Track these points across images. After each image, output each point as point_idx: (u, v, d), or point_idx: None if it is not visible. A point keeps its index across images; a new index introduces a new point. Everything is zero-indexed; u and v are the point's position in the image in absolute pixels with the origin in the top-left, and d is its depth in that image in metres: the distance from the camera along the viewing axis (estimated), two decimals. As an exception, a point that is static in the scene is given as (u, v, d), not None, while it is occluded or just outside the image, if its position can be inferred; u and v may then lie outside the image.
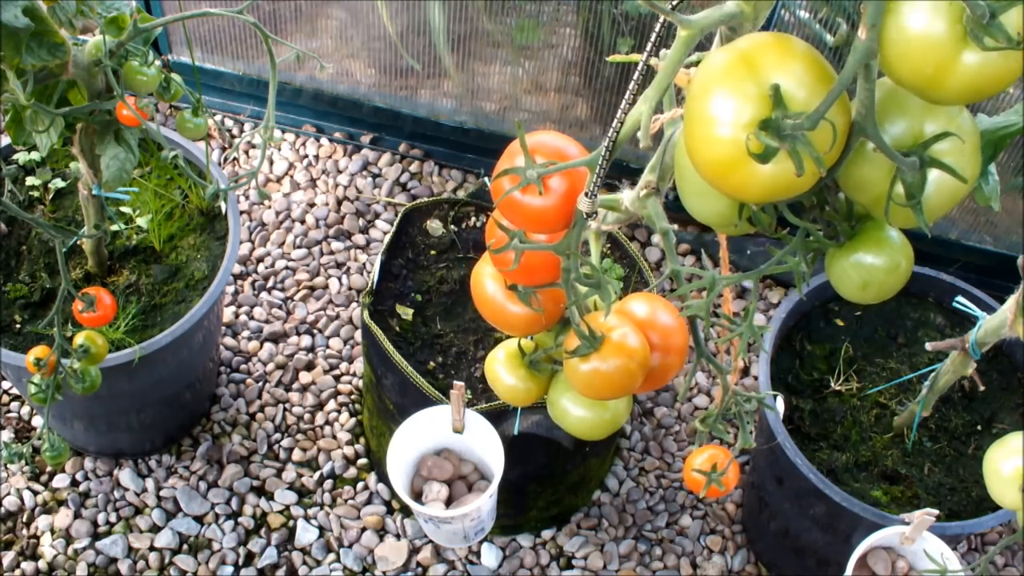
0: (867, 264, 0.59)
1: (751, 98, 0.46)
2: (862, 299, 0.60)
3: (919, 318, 1.70)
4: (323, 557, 1.75)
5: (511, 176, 0.61)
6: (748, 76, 0.47)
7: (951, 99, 0.45)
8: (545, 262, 0.66)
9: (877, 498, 1.51)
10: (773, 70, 0.47)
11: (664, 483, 1.87)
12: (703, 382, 1.99)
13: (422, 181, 2.18)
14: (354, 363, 1.94)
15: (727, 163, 0.48)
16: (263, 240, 2.07)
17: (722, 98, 0.47)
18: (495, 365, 0.76)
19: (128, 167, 1.30)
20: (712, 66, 0.49)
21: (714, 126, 0.47)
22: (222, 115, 2.23)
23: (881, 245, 0.58)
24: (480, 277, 0.72)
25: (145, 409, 1.71)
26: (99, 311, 1.28)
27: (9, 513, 1.75)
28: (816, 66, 0.47)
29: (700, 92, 0.48)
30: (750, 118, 0.46)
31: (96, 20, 1.17)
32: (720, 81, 0.48)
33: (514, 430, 1.47)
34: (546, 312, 0.70)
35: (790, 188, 0.48)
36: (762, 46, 0.48)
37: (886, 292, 0.59)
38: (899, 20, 0.44)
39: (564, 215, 0.62)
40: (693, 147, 0.49)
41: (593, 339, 0.66)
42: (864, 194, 0.52)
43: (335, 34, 2.09)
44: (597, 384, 0.68)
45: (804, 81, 0.47)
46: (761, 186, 0.48)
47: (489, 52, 2.02)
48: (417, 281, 1.65)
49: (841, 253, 0.59)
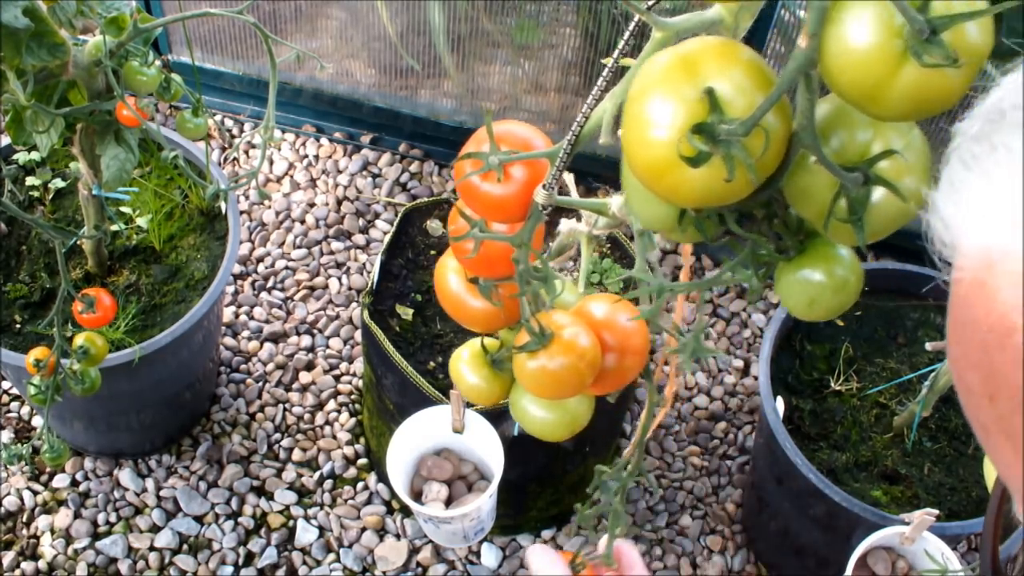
0: (814, 281, 0.57)
1: (688, 101, 0.46)
2: (809, 316, 0.59)
3: (919, 318, 1.70)
4: (323, 557, 1.75)
5: (473, 160, 0.60)
6: (687, 79, 0.46)
7: (891, 115, 0.44)
8: (504, 255, 0.65)
9: (877, 498, 1.51)
10: (713, 74, 0.46)
11: (664, 483, 1.88)
12: (703, 382, 1.99)
13: (422, 181, 2.18)
14: (354, 363, 1.94)
15: (661, 166, 0.47)
16: (263, 240, 2.07)
17: (659, 100, 0.46)
18: (459, 364, 0.75)
19: (128, 167, 1.30)
20: (653, 67, 0.48)
21: (650, 128, 0.47)
22: (222, 115, 2.23)
23: (829, 262, 0.56)
24: (443, 270, 0.72)
25: (145, 409, 1.71)
26: (99, 312, 1.28)
27: (9, 513, 1.75)
28: (759, 74, 0.46)
29: (639, 93, 0.48)
30: (685, 121, 0.46)
31: (96, 20, 1.17)
32: (659, 83, 0.47)
33: (514, 430, 1.47)
34: (507, 309, 0.69)
35: (723, 194, 0.47)
36: (705, 50, 0.47)
37: (834, 310, 0.58)
38: (839, 30, 0.43)
39: (523, 205, 0.61)
40: (629, 148, 0.49)
41: (542, 336, 0.66)
42: (808, 208, 0.51)
43: (335, 34, 2.09)
44: (544, 381, 0.67)
45: (744, 88, 0.46)
46: (693, 191, 0.47)
47: (489, 52, 2.02)
48: (417, 281, 1.65)
49: (789, 268, 0.57)
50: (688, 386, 1.99)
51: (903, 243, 2.03)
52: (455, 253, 0.69)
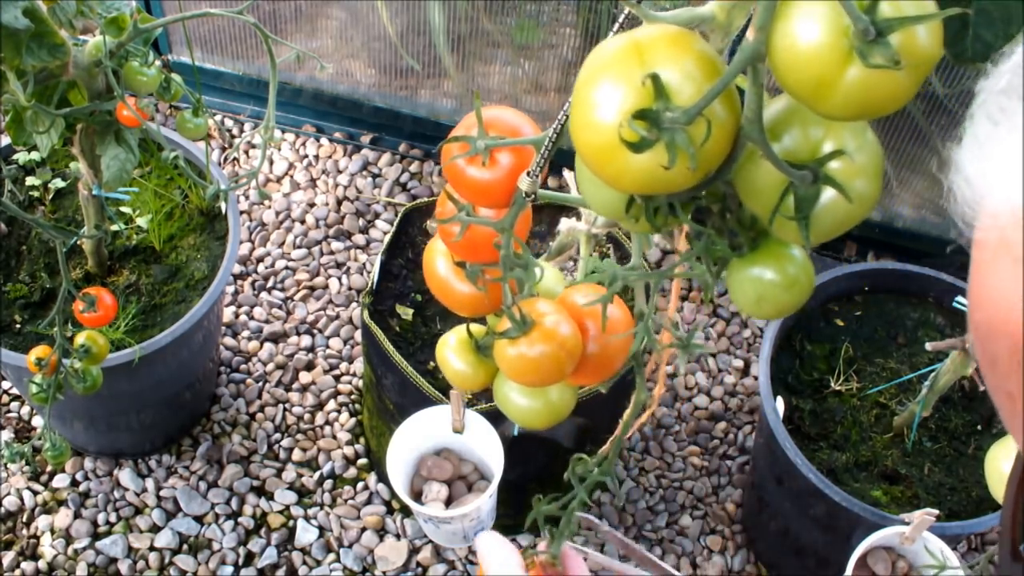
0: (764, 279, 0.56)
1: (635, 86, 0.46)
2: (758, 314, 0.59)
3: (919, 318, 1.70)
4: (323, 557, 1.75)
5: (460, 144, 0.60)
6: (636, 64, 0.46)
7: (837, 113, 0.44)
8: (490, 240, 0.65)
9: (877, 498, 1.51)
10: (662, 61, 0.46)
11: (664, 483, 1.88)
12: (703, 382, 1.99)
13: (422, 181, 2.18)
14: (354, 363, 1.94)
15: (604, 149, 0.47)
16: (263, 240, 2.08)
17: (607, 84, 0.46)
18: (445, 350, 0.75)
19: (128, 167, 1.30)
20: (604, 51, 0.48)
21: (595, 110, 0.47)
22: (222, 115, 2.23)
23: (780, 261, 0.56)
24: (432, 253, 0.72)
25: (145, 409, 1.71)
26: (100, 311, 1.28)
27: (9, 513, 1.75)
28: (710, 66, 0.46)
29: (588, 76, 0.48)
30: (631, 106, 0.46)
31: (96, 20, 1.17)
32: (608, 67, 0.47)
33: (514, 430, 1.47)
34: (492, 295, 0.69)
35: (665, 182, 0.47)
36: (658, 37, 0.47)
37: (783, 309, 0.58)
38: (787, 26, 0.43)
39: (509, 192, 0.62)
40: (576, 131, 0.49)
41: (523, 323, 0.66)
42: (757, 203, 0.51)
43: (335, 34, 2.09)
44: (522, 369, 0.67)
45: (694, 77, 0.46)
46: (635, 176, 0.47)
47: (489, 52, 2.02)
48: (417, 281, 1.65)
49: (740, 265, 0.57)
50: (688, 386, 1.99)
51: (903, 243, 2.03)
52: (441, 236, 0.69)
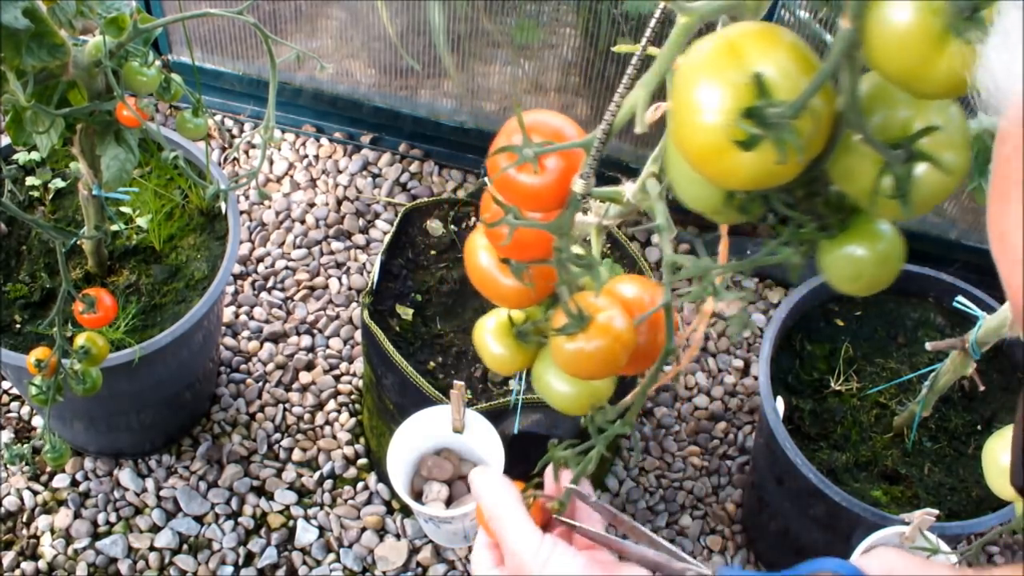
0: (858, 256, 0.59)
1: (736, 86, 0.47)
2: (854, 291, 0.61)
3: (919, 318, 1.70)
4: (323, 557, 1.75)
5: (508, 154, 0.61)
6: (733, 64, 0.47)
7: (934, 93, 0.45)
8: (538, 239, 0.66)
9: (877, 498, 1.51)
10: (758, 59, 0.47)
11: (664, 483, 1.88)
12: (703, 382, 1.99)
13: (422, 181, 2.18)
14: (354, 363, 1.94)
15: (712, 150, 0.48)
16: (263, 240, 2.08)
17: (707, 86, 0.48)
18: (483, 333, 0.76)
19: (128, 167, 1.30)
20: (698, 54, 0.49)
21: (699, 113, 0.48)
22: (222, 115, 2.23)
23: (872, 237, 0.59)
24: (474, 248, 0.73)
25: (145, 409, 1.71)
26: (99, 312, 1.28)
27: (9, 513, 1.75)
28: (801, 56, 0.48)
29: (686, 79, 0.49)
30: (734, 106, 0.47)
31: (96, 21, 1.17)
32: (705, 68, 0.48)
33: (514, 429, 1.47)
34: (537, 287, 0.70)
35: (774, 176, 0.49)
36: (749, 35, 0.48)
37: (878, 284, 0.60)
38: (881, 12, 0.44)
39: (558, 195, 0.62)
40: (679, 134, 0.50)
41: (580, 319, 0.66)
42: (852, 185, 0.53)
43: (335, 34, 2.09)
44: (580, 363, 0.68)
45: (789, 70, 0.47)
46: (745, 174, 0.48)
47: (489, 52, 2.02)
48: (417, 281, 1.65)
49: (832, 245, 0.59)
50: (688, 386, 1.99)
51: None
52: (489, 239, 0.70)
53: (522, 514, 0.66)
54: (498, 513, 0.67)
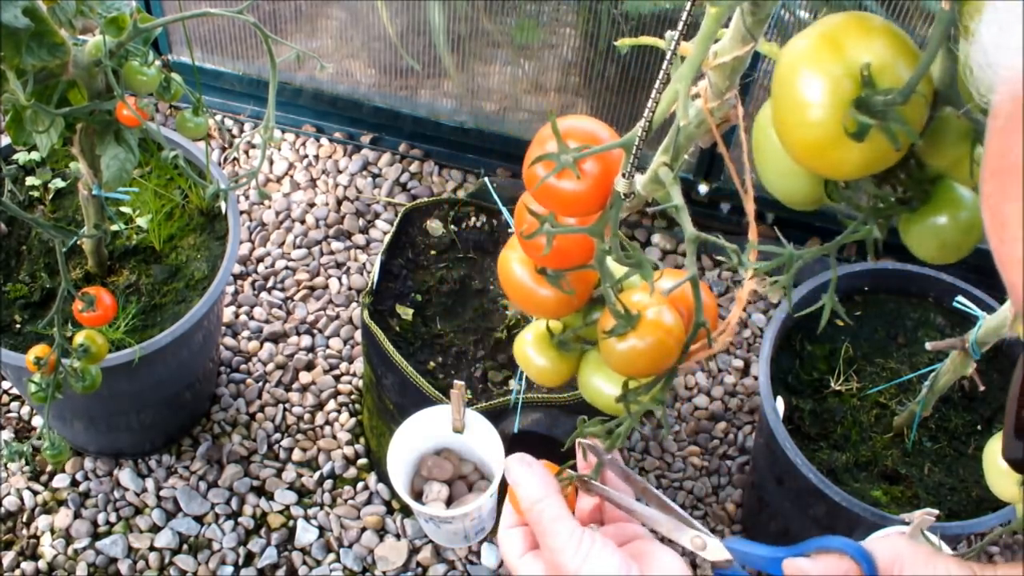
0: (942, 225, 0.60)
1: (839, 79, 0.48)
2: (940, 259, 0.63)
3: (919, 318, 1.70)
4: (323, 557, 1.75)
5: (545, 162, 0.61)
6: (834, 57, 0.48)
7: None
8: (576, 245, 0.67)
9: (877, 498, 1.51)
10: (858, 49, 0.48)
11: (664, 483, 1.88)
12: (703, 382, 1.99)
13: (422, 181, 2.18)
14: (354, 363, 1.94)
15: (822, 144, 0.49)
16: (263, 240, 2.07)
17: (810, 81, 0.49)
18: (525, 347, 0.76)
19: (128, 167, 1.30)
20: (797, 50, 0.50)
21: (805, 109, 0.49)
22: (222, 115, 2.23)
23: (955, 206, 0.60)
24: (507, 262, 0.73)
25: (145, 409, 1.71)
26: (99, 311, 1.28)
27: (9, 513, 1.75)
28: (897, 41, 0.49)
29: (787, 76, 0.50)
30: (839, 99, 0.48)
31: (96, 20, 1.17)
32: (807, 64, 0.49)
33: (514, 429, 1.47)
34: (576, 293, 0.71)
35: (882, 162, 0.50)
36: (844, 26, 0.49)
37: (962, 250, 0.62)
38: None
39: (598, 198, 0.63)
40: (784, 131, 0.51)
41: (629, 318, 0.67)
42: (944, 158, 0.54)
43: (335, 34, 2.09)
44: (635, 362, 0.68)
45: (888, 57, 0.48)
46: (855, 163, 0.50)
47: (489, 52, 2.02)
48: (417, 281, 1.65)
49: (916, 218, 0.61)
50: (688, 386, 1.99)
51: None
52: (526, 250, 0.70)
53: (561, 508, 0.66)
54: (538, 508, 0.66)
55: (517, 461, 0.70)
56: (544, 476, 0.68)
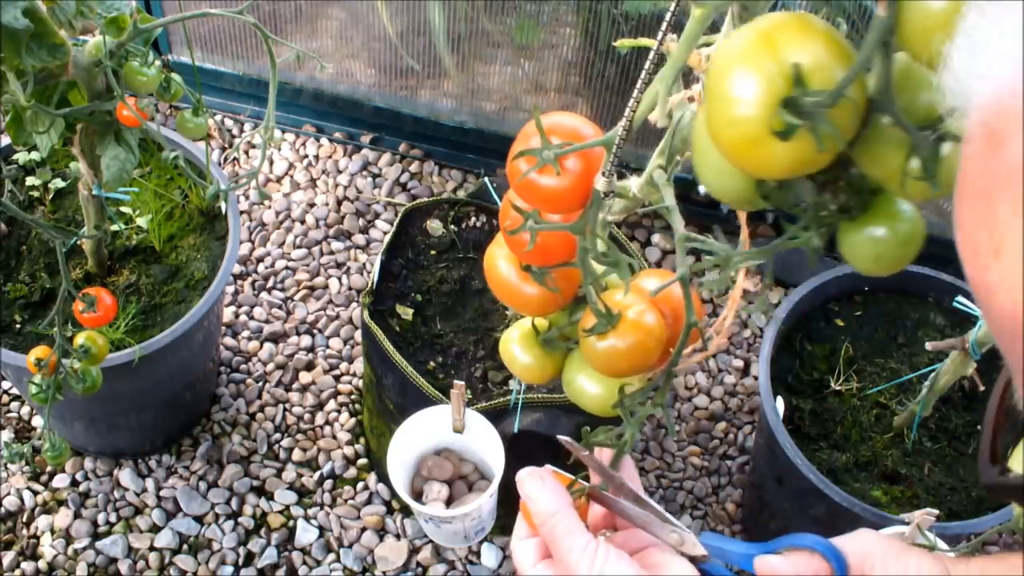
0: (879, 237, 0.60)
1: (772, 77, 0.47)
2: (875, 271, 0.62)
3: (919, 318, 1.70)
4: (323, 557, 1.75)
5: (527, 157, 0.61)
6: (768, 55, 0.48)
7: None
8: (560, 242, 0.66)
9: (877, 498, 1.51)
10: (793, 49, 0.48)
11: (664, 483, 1.88)
12: (703, 382, 1.99)
13: (422, 181, 2.18)
14: (354, 363, 1.94)
15: (749, 142, 0.49)
16: (263, 240, 2.08)
17: (742, 77, 0.48)
18: (510, 345, 0.76)
19: (128, 167, 1.30)
20: (732, 46, 0.50)
21: (735, 105, 0.48)
22: (222, 115, 2.23)
23: (894, 218, 0.59)
24: (493, 259, 0.73)
25: (145, 409, 1.71)
26: (99, 311, 1.28)
27: (9, 513, 1.75)
28: (835, 44, 0.48)
29: (721, 72, 0.49)
30: (770, 97, 0.47)
31: (96, 21, 1.17)
32: (740, 60, 0.49)
33: (514, 429, 1.47)
34: (560, 291, 0.70)
35: (810, 164, 0.50)
36: (782, 25, 0.49)
37: (898, 264, 0.61)
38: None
39: (580, 195, 0.63)
40: (714, 127, 0.50)
41: (610, 317, 0.67)
42: (878, 168, 0.54)
43: (335, 34, 2.09)
44: (615, 361, 0.68)
45: (823, 59, 0.48)
46: (782, 163, 0.49)
47: (489, 52, 2.02)
48: (417, 281, 1.65)
49: (854, 227, 0.60)
50: (688, 386, 1.99)
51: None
52: (510, 246, 0.70)
53: (574, 520, 0.66)
54: (551, 522, 0.67)
55: (528, 475, 0.70)
56: (556, 489, 0.69)
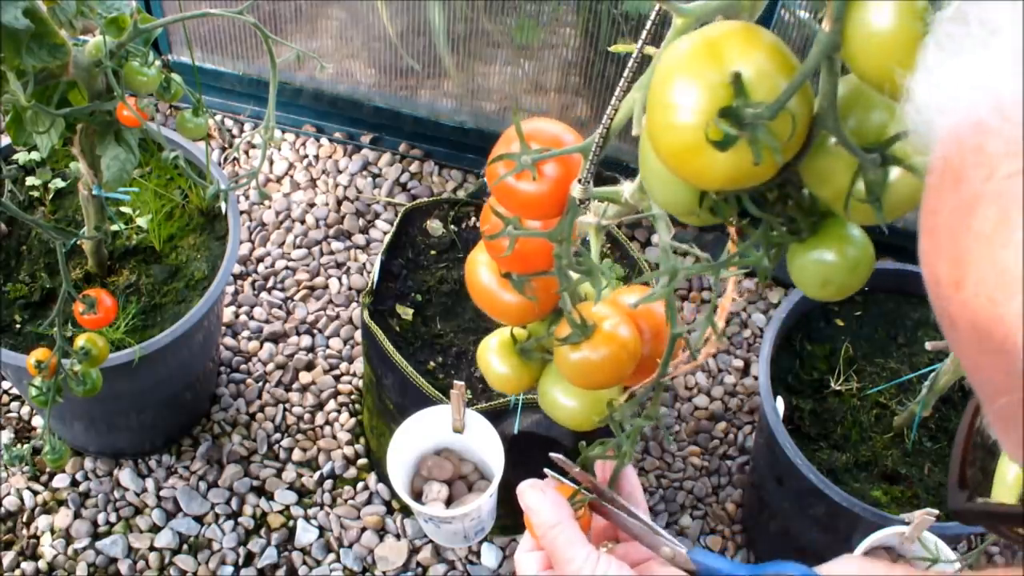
0: (827, 261, 0.58)
1: (713, 85, 0.46)
2: (821, 296, 0.60)
3: (919, 318, 1.70)
4: (323, 557, 1.75)
5: (505, 161, 0.61)
6: (711, 63, 0.47)
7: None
8: (539, 250, 0.66)
9: (877, 498, 1.51)
10: (737, 58, 0.46)
11: (664, 483, 1.88)
12: (703, 382, 1.99)
13: (422, 181, 2.18)
14: (354, 363, 1.94)
15: (687, 150, 0.47)
16: (263, 240, 2.08)
17: (684, 84, 0.47)
18: (487, 353, 0.76)
19: (128, 167, 1.30)
20: (676, 52, 0.48)
21: (675, 112, 0.47)
22: (222, 115, 2.23)
23: (842, 242, 0.58)
24: (474, 265, 0.72)
25: (145, 409, 1.71)
26: (100, 313, 1.28)
27: (9, 513, 1.75)
28: (781, 57, 0.47)
29: (663, 77, 0.48)
30: (711, 105, 0.46)
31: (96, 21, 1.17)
32: (683, 67, 0.47)
33: (514, 429, 1.47)
34: (540, 301, 0.70)
35: (749, 177, 0.48)
36: (728, 34, 0.48)
37: (846, 290, 0.59)
38: (863, 15, 0.44)
39: (558, 202, 0.62)
40: (654, 132, 0.49)
41: (584, 328, 0.66)
42: (825, 189, 0.52)
43: (335, 34, 2.09)
44: (587, 373, 0.68)
45: (768, 71, 0.46)
46: (720, 174, 0.48)
47: (489, 52, 2.02)
48: (417, 281, 1.65)
49: (802, 249, 0.58)
50: (688, 386, 1.99)
51: (903, 243, 2.03)
52: (489, 251, 0.70)
53: (575, 532, 0.67)
54: (552, 533, 0.67)
55: (530, 487, 0.70)
56: (556, 501, 0.69)
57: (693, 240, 2.09)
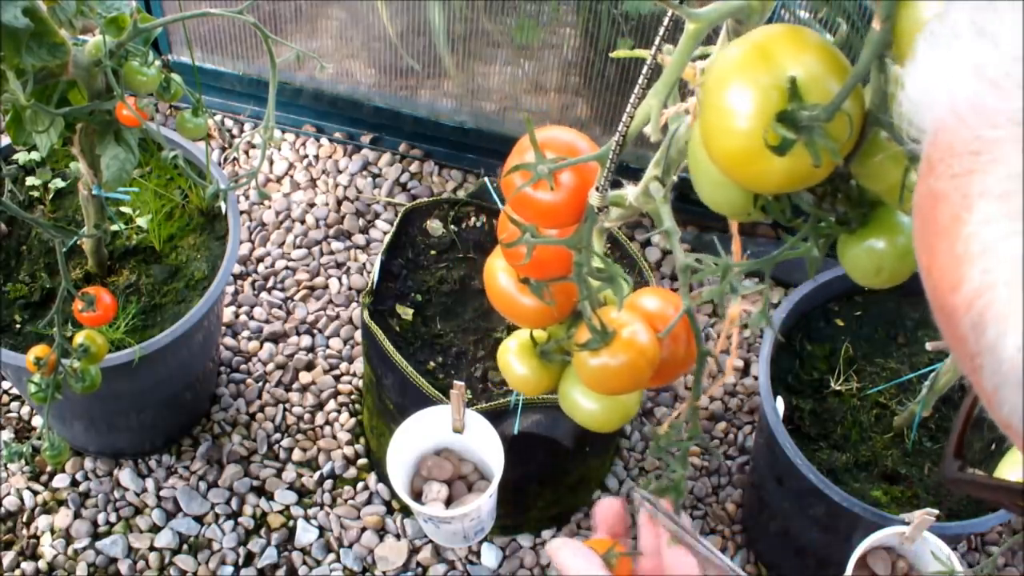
0: (879, 249, 0.59)
1: (767, 90, 0.47)
2: (875, 283, 0.62)
3: (919, 318, 1.70)
4: (323, 557, 1.75)
5: (522, 172, 0.61)
6: (764, 68, 0.47)
7: None
8: (557, 256, 0.66)
9: (877, 498, 1.51)
10: (789, 62, 0.47)
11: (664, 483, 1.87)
12: (703, 382, 1.99)
13: (422, 181, 2.18)
14: (354, 363, 1.94)
15: (744, 155, 0.48)
16: (263, 240, 2.07)
17: (738, 90, 0.48)
18: (507, 355, 0.76)
19: (128, 167, 1.30)
20: (728, 59, 0.49)
21: (731, 118, 0.48)
22: (222, 115, 2.23)
23: (893, 231, 0.59)
24: (493, 270, 0.73)
25: (145, 409, 1.71)
26: (99, 311, 1.28)
27: (9, 513, 1.75)
28: (830, 57, 0.48)
29: (716, 85, 0.49)
30: (766, 110, 0.47)
31: (96, 20, 1.17)
32: (736, 74, 0.48)
33: (514, 429, 1.47)
34: (558, 305, 0.71)
35: (806, 178, 0.49)
36: (777, 38, 0.48)
37: (898, 276, 0.61)
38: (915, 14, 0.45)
39: (574, 210, 0.62)
40: (710, 139, 0.50)
41: (604, 334, 0.67)
42: (878, 182, 0.53)
43: (335, 34, 2.09)
44: (606, 378, 0.68)
45: (819, 73, 0.47)
46: (778, 177, 0.48)
47: (489, 52, 2.02)
48: (417, 281, 1.65)
49: (853, 239, 0.60)
50: (688, 386, 1.99)
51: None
52: (508, 260, 0.70)
53: None
54: None
55: (562, 545, 0.70)
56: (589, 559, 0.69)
57: (693, 240, 2.09)
